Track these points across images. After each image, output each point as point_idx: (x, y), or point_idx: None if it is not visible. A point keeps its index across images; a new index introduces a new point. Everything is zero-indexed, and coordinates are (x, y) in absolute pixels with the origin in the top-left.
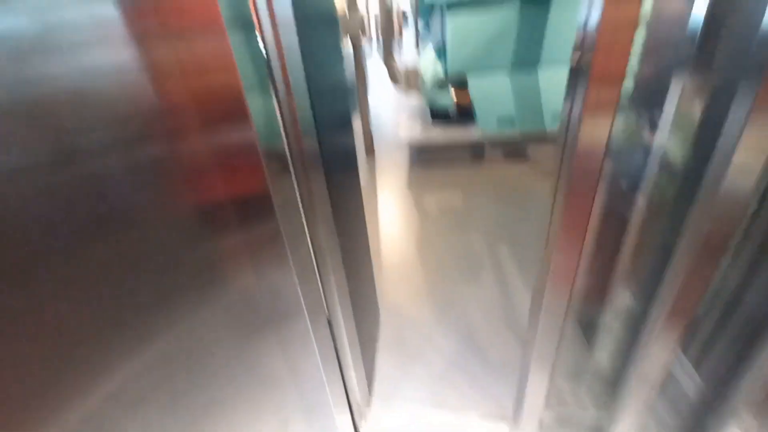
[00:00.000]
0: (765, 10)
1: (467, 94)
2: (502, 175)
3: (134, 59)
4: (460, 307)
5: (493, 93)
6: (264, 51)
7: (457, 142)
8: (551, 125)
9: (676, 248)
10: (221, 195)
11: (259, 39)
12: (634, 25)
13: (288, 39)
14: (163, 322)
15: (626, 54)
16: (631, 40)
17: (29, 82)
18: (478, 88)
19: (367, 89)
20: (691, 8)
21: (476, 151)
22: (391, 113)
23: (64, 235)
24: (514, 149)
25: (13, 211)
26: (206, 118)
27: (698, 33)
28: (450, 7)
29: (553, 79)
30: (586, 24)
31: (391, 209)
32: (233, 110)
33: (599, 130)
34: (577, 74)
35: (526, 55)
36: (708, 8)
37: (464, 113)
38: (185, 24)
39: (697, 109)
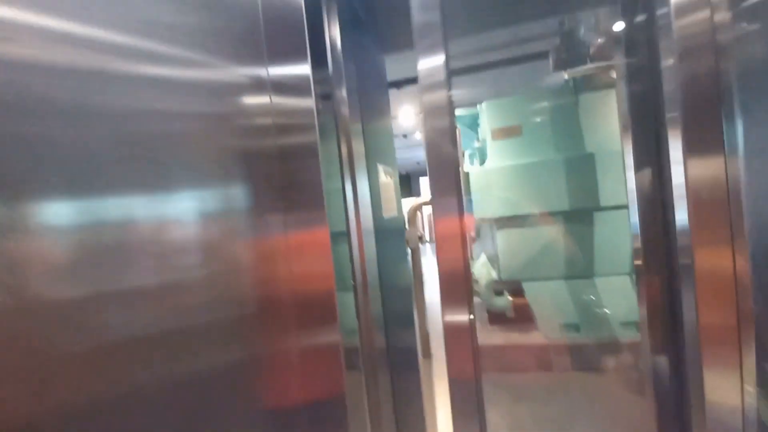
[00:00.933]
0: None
1: (524, 298)
2: (573, 387)
3: (260, 268)
4: None
5: (551, 299)
6: (350, 257)
7: (518, 347)
8: (622, 334)
9: None
10: (297, 396)
11: (348, 248)
12: None
13: (368, 247)
14: None
15: None
16: None
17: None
18: (535, 295)
19: (424, 290)
20: None
21: (541, 359)
22: None
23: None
24: (583, 357)
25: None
26: (302, 319)
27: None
28: (499, 222)
29: (613, 287)
30: None
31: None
32: (325, 312)
33: None
34: None
35: (579, 268)
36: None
37: (523, 316)
38: (304, 248)
39: None
